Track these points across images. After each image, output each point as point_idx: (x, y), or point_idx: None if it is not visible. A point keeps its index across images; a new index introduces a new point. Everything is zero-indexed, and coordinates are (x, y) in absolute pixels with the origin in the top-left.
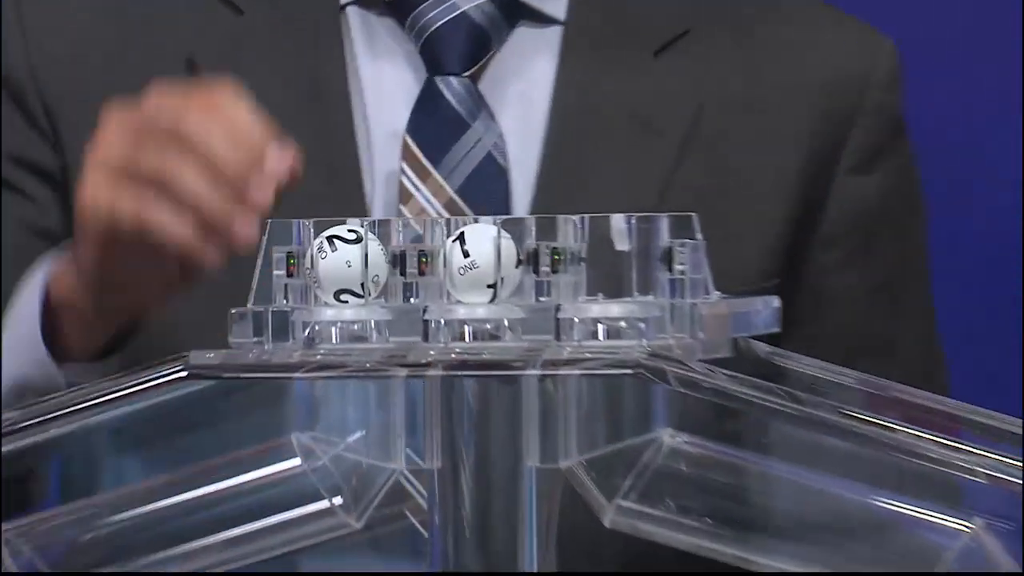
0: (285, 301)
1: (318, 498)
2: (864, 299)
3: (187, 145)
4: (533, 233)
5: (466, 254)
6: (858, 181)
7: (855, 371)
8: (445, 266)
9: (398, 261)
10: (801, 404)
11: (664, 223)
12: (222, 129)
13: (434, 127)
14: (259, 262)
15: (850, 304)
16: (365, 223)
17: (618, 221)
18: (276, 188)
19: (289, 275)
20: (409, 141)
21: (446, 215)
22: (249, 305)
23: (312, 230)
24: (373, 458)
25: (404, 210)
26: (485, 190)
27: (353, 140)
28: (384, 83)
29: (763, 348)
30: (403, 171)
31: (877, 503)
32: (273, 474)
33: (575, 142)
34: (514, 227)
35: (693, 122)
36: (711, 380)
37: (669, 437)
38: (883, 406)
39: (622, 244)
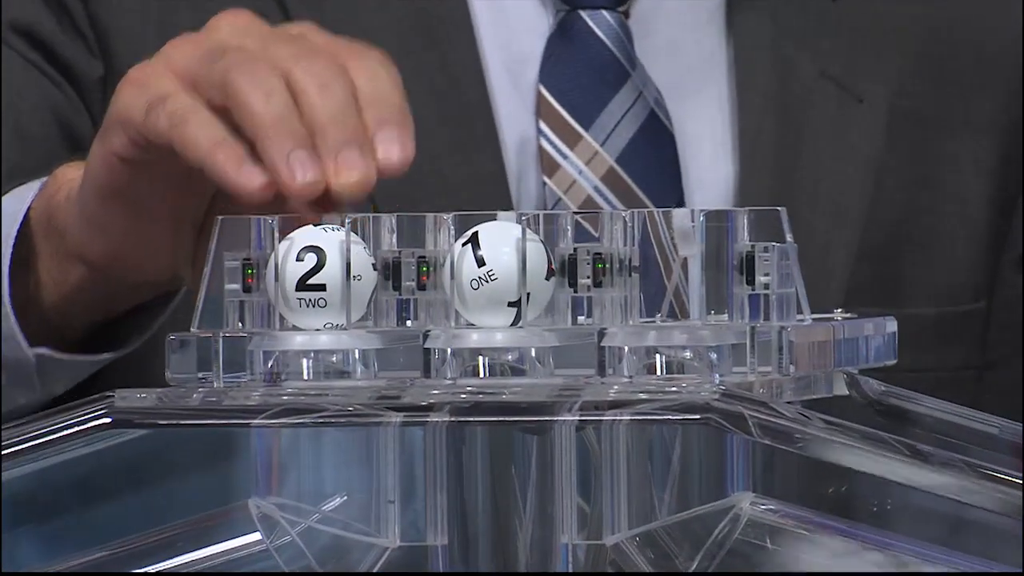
0: (240, 324)
1: None
2: None
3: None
4: (569, 234)
5: (481, 261)
6: None
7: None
8: (453, 277)
9: (390, 271)
10: (926, 460)
11: (742, 220)
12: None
13: (584, 76)
14: (207, 271)
15: None
16: (347, 220)
17: (681, 217)
18: (380, 170)
19: (246, 289)
20: (547, 94)
21: (608, 192)
22: (193, 329)
23: (276, 229)
24: (357, 532)
25: (550, 183)
26: (654, 159)
27: (485, 90)
28: (503, 17)
29: (875, 386)
30: (541, 133)
31: None
32: (224, 553)
33: (754, 108)
34: (544, 226)
35: (896, 88)
36: (805, 429)
37: (749, 504)
38: None
39: (687, 248)
